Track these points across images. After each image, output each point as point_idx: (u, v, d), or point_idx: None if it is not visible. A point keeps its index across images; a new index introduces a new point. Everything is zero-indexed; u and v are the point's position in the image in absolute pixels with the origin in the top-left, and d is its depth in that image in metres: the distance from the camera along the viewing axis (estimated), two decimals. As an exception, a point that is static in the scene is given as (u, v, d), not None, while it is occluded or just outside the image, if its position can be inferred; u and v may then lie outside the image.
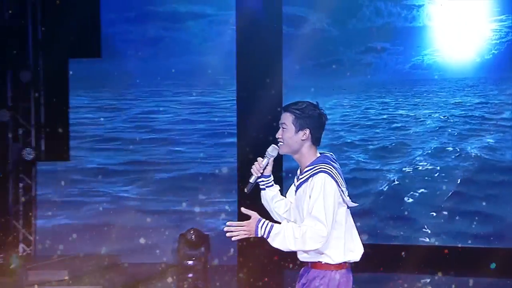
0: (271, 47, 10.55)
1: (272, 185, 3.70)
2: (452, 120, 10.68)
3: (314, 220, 3.29)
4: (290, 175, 6.61)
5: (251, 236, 3.39)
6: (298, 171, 3.57)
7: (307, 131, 3.38)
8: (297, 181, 3.55)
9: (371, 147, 10.85)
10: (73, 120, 10.56)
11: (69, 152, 10.32)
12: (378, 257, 9.35)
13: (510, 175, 10.45)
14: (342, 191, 3.42)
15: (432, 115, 10.74)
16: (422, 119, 10.80)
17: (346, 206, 3.48)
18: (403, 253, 10.01)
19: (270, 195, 3.69)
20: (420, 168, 10.62)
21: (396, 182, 10.72)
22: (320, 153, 3.51)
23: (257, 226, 3.34)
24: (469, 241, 10.32)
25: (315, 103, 3.45)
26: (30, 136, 10.14)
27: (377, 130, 10.95)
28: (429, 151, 10.66)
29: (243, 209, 3.35)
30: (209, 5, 10.96)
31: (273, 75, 10.44)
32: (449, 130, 10.63)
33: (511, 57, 10.31)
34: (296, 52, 10.66)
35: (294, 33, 10.81)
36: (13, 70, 10.11)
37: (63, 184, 10.79)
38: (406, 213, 10.59)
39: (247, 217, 3.32)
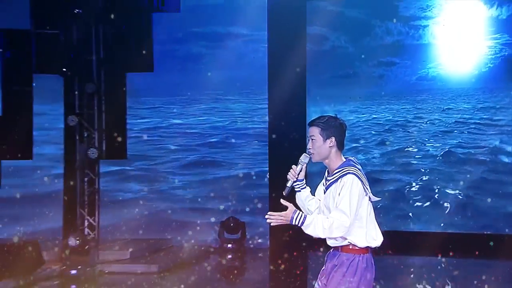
0: (296, 62, 10.83)
1: (305, 187, 3.93)
2: (453, 124, 11.12)
3: (340, 212, 3.54)
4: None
5: (286, 223, 3.60)
6: (326, 173, 3.83)
7: (333, 139, 3.65)
8: (326, 182, 3.79)
9: (383, 148, 11.31)
10: (130, 125, 11.00)
11: (126, 152, 10.68)
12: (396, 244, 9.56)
13: (506, 169, 10.79)
14: (366, 188, 3.67)
15: (436, 120, 11.20)
16: (427, 123, 11.22)
17: (369, 201, 3.72)
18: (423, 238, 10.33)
19: (304, 196, 3.90)
20: (427, 165, 11.03)
21: (405, 179, 11.10)
22: (345, 158, 3.77)
23: (293, 217, 3.57)
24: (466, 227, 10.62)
25: (334, 115, 3.82)
26: (94, 138, 10.27)
27: (388, 133, 11.41)
28: (434, 150, 11.11)
29: (282, 201, 3.59)
30: (245, 27, 11.38)
31: (298, 85, 10.90)
32: (451, 133, 11.09)
33: (504, 70, 10.69)
34: (318, 66, 11.19)
35: (316, 49, 11.27)
36: (80, 83, 10.22)
37: (121, 179, 11.64)
38: (415, 203, 10.89)
39: (279, 208, 3.61)
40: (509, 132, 10.87)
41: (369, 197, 3.69)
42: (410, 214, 11.06)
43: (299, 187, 3.87)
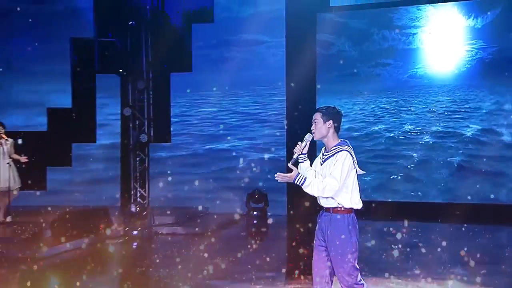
0: (308, 63, 11.44)
1: (307, 159, 4.16)
2: (437, 113, 11.42)
3: (333, 178, 3.87)
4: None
5: (290, 182, 3.93)
6: (323, 150, 4.12)
7: (331, 122, 3.96)
8: (323, 156, 4.08)
9: (379, 132, 11.63)
10: (173, 115, 11.63)
11: (170, 136, 11.42)
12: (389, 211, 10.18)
13: (481, 151, 10.99)
14: (355, 163, 3.97)
15: (423, 110, 11.50)
16: (415, 112, 11.58)
17: (355, 173, 4.00)
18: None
19: (305, 166, 4.15)
20: (413, 146, 11.37)
21: (396, 157, 11.46)
22: (340, 139, 4.06)
23: (296, 178, 3.91)
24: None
25: (333, 106, 4.14)
26: (144, 125, 10.90)
27: (383, 121, 11.76)
28: (421, 133, 11.47)
29: (289, 165, 3.96)
30: (267, 34, 11.93)
31: (310, 82, 11.46)
32: (435, 121, 11.40)
33: (479, 69, 11.08)
34: (326, 66, 11.73)
35: (325, 53, 11.84)
36: (132, 81, 10.88)
37: (165, 158, 12.14)
38: (400, 176, 11.31)
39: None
40: (483, 121, 11.15)
41: (356, 170, 3.99)
42: (398, 186, 11.33)
43: (302, 159, 4.13)
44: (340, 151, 3.92)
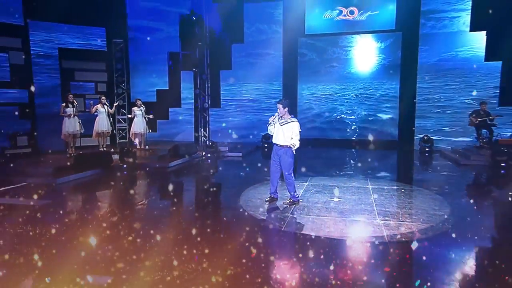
0: (294, 66, 13.72)
1: (274, 123, 5.40)
2: (361, 95, 13.40)
3: (297, 135, 5.19)
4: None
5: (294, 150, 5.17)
6: (281, 119, 5.25)
7: (287, 108, 5.29)
8: (282, 122, 5.23)
9: (329, 105, 13.59)
10: (222, 94, 13.90)
11: (220, 104, 13.77)
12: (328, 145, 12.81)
13: (382, 119, 13.10)
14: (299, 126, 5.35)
15: (353, 93, 13.46)
16: (350, 94, 13.49)
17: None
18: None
19: (272, 126, 5.40)
20: (349, 113, 13.44)
21: (344, 122, 13.48)
22: (291, 115, 5.30)
23: (294, 150, 5.20)
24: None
25: (287, 99, 5.33)
26: (205, 98, 13.14)
27: (332, 96, 13.66)
28: (352, 107, 13.41)
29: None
30: (272, 49, 13.59)
31: (294, 76, 13.72)
32: (360, 99, 13.38)
33: (383, 70, 13.16)
34: (303, 67, 13.80)
35: (302, 60, 13.92)
36: (200, 74, 12.86)
37: (218, 115, 14.17)
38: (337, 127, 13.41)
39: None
40: (382, 93, 13.02)
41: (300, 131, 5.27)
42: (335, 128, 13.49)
43: (273, 124, 5.38)
44: (293, 121, 5.17)
